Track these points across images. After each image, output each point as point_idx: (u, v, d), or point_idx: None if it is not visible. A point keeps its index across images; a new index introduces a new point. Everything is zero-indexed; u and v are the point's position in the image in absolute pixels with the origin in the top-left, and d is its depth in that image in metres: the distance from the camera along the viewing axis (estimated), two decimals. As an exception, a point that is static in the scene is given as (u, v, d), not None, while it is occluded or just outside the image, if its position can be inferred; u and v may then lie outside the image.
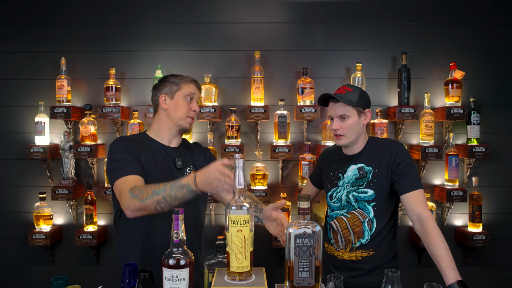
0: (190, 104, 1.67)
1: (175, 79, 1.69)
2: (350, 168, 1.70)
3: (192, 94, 1.68)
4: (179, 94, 1.66)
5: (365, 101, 1.66)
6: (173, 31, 2.61)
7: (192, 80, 1.70)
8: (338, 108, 1.65)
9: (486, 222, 2.60)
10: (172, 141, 1.71)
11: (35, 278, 2.63)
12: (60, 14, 2.61)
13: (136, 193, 1.38)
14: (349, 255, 1.66)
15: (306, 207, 1.15)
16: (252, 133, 2.63)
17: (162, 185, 1.39)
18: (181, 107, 1.66)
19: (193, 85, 1.70)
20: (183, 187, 1.36)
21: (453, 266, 1.36)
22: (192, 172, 1.68)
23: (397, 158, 1.62)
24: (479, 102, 2.58)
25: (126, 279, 1.22)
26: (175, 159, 1.67)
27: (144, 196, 1.37)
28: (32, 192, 2.60)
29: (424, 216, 1.51)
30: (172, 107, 1.66)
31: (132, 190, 1.40)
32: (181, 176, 1.57)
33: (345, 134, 1.65)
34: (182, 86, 1.67)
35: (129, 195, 1.39)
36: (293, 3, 2.61)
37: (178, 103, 1.66)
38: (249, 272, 1.21)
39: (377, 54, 2.61)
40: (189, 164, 1.72)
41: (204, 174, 1.36)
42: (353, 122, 1.64)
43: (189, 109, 1.67)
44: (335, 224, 1.69)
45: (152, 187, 1.39)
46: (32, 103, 2.59)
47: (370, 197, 1.63)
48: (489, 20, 2.61)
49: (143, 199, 1.37)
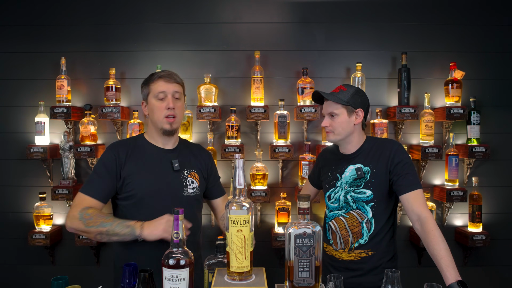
0: (163, 102, 1.58)
1: (146, 81, 1.63)
2: (348, 168, 1.69)
3: (163, 92, 1.58)
4: (150, 96, 1.61)
5: (357, 101, 1.65)
6: (173, 31, 2.61)
7: (160, 76, 1.59)
8: (328, 106, 1.67)
9: (486, 222, 2.60)
10: (166, 143, 1.66)
11: (35, 278, 2.63)
12: (60, 14, 2.61)
13: (86, 218, 1.46)
14: (347, 255, 1.66)
15: (306, 207, 1.15)
16: (252, 133, 2.63)
17: (112, 219, 1.47)
18: (156, 109, 1.59)
19: (162, 81, 1.59)
20: (127, 227, 1.45)
21: (453, 266, 1.35)
22: (192, 173, 1.67)
23: (396, 158, 1.62)
24: (479, 102, 2.58)
25: (126, 279, 1.22)
26: (172, 161, 1.63)
27: (91, 224, 1.45)
28: (32, 192, 2.60)
29: (424, 216, 1.50)
30: (150, 112, 1.62)
31: (83, 213, 1.47)
32: (178, 178, 1.63)
33: (334, 131, 1.66)
34: (151, 87, 1.60)
35: (77, 215, 1.47)
36: (293, 3, 2.61)
37: (152, 106, 1.60)
38: (249, 272, 1.21)
39: (377, 54, 2.61)
40: (188, 166, 1.68)
41: (153, 227, 1.44)
42: (342, 120, 1.64)
43: (163, 108, 1.57)
44: (334, 224, 1.69)
45: (102, 219, 1.46)
46: (32, 103, 2.59)
47: (368, 197, 1.63)
48: (489, 20, 2.61)
49: (89, 226, 1.45)
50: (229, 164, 2.61)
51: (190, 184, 1.65)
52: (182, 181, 1.64)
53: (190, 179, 1.66)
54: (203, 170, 1.74)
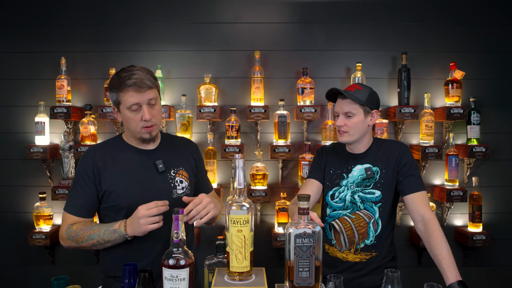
0: (138, 114, 1.42)
1: (115, 88, 1.42)
2: (355, 168, 1.68)
3: (136, 104, 1.40)
4: (122, 107, 1.43)
5: (373, 102, 1.64)
6: (173, 31, 2.61)
7: (129, 85, 1.38)
8: (345, 105, 1.63)
9: (486, 222, 2.60)
10: (146, 145, 1.53)
11: (35, 278, 2.63)
12: (60, 14, 2.61)
13: (73, 235, 1.43)
14: (353, 256, 1.65)
15: (306, 207, 1.15)
16: (252, 133, 2.63)
17: (97, 229, 1.42)
18: (131, 120, 1.43)
19: (132, 91, 1.38)
20: (115, 232, 1.40)
21: (454, 267, 1.36)
22: (179, 172, 1.56)
23: (403, 159, 1.64)
24: (479, 102, 2.58)
25: (126, 279, 1.22)
26: (156, 163, 1.50)
27: (80, 240, 1.43)
28: (32, 192, 2.60)
29: (428, 217, 1.52)
30: (125, 121, 1.46)
31: (68, 232, 1.44)
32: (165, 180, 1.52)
33: (349, 131, 1.63)
34: (121, 97, 1.41)
35: (65, 235, 1.45)
36: (293, 3, 2.61)
37: (126, 117, 1.44)
38: (249, 272, 1.21)
39: (377, 54, 2.61)
40: (174, 165, 1.55)
41: (132, 223, 1.38)
42: (358, 120, 1.62)
43: (139, 120, 1.42)
44: (338, 224, 1.67)
45: (88, 231, 1.42)
46: (32, 103, 2.59)
47: (377, 198, 1.63)
48: (489, 20, 2.61)
49: (79, 242, 1.43)
50: (229, 164, 2.61)
51: (179, 184, 1.53)
52: (169, 182, 1.52)
53: (179, 179, 1.54)
54: (192, 165, 1.62)
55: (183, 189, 1.54)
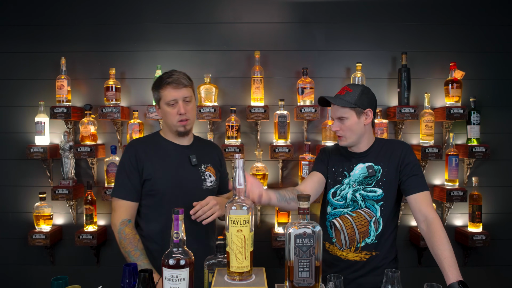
0: (175, 108, 1.64)
1: (156, 86, 1.67)
2: (357, 166, 1.68)
3: (174, 99, 1.63)
4: (162, 102, 1.66)
5: (365, 101, 1.63)
6: (173, 31, 2.61)
7: (168, 82, 1.63)
8: (336, 110, 1.65)
9: (486, 222, 2.60)
10: (182, 140, 1.74)
11: (35, 278, 2.63)
12: (60, 14, 2.61)
13: (122, 236, 1.60)
14: (353, 255, 1.65)
15: (306, 207, 1.15)
16: (252, 133, 2.63)
17: (138, 255, 1.55)
18: (169, 114, 1.66)
19: (171, 87, 1.63)
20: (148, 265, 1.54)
21: (456, 267, 1.36)
22: (208, 167, 1.75)
23: (406, 158, 1.64)
24: (479, 102, 2.58)
25: (126, 279, 1.22)
26: (189, 156, 1.71)
27: (122, 245, 1.59)
28: (32, 192, 2.60)
29: (431, 217, 1.52)
30: (164, 116, 1.69)
31: (121, 229, 1.60)
32: (197, 173, 1.72)
33: (345, 135, 1.65)
34: (161, 93, 1.65)
35: (118, 227, 1.62)
36: (293, 3, 2.61)
37: (164, 111, 1.67)
38: (249, 272, 1.21)
39: (377, 54, 2.61)
40: (205, 161, 1.76)
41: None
42: (351, 123, 1.63)
43: (175, 114, 1.65)
44: (339, 222, 1.66)
45: (131, 248, 1.57)
46: (32, 103, 2.59)
47: (379, 196, 1.63)
48: (489, 20, 2.61)
49: (121, 245, 1.60)
50: (229, 164, 2.60)
51: (208, 177, 1.74)
52: (200, 175, 1.73)
53: (208, 173, 1.75)
54: (217, 164, 1.84)
55: (211, 182, 1.76)
